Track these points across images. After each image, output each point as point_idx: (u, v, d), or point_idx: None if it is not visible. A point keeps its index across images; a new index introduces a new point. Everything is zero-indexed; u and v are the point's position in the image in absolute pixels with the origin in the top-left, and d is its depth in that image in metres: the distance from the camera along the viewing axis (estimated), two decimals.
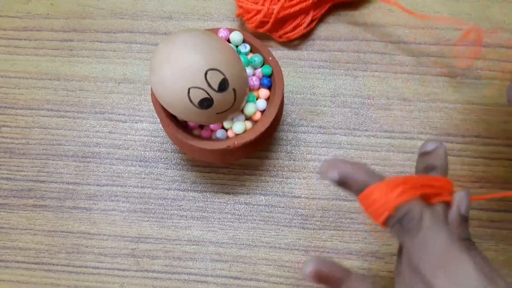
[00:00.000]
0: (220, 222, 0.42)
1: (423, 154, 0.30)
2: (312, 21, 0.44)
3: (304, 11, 0.43)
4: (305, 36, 0.45)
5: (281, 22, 0.43)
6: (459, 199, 0.28)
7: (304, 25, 0.44)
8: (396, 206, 0.25)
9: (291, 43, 0.45)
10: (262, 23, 0.43)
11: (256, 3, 0.42)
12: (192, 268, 0.41)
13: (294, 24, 0.43)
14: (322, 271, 0.27)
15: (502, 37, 0.44)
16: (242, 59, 0.35)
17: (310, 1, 0.42)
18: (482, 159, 0.42)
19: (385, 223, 0.26)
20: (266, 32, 0.43)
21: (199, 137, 0.36)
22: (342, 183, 0.26)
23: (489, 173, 0.42)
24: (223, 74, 0.31)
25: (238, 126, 0.35)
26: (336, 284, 0.28)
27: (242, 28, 0.45)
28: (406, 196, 0.25)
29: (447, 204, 0.28)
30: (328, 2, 0.44)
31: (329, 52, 0.45)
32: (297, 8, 0.42)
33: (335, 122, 0.43)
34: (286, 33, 0.44)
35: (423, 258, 0.25)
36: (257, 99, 0.36)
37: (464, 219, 0.28)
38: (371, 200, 0.26)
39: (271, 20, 0.42)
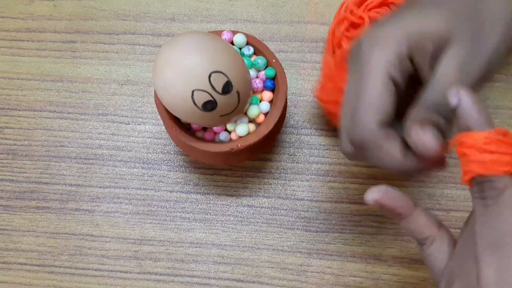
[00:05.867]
0: (223, 225, 0.42)
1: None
2: None
3: None
4: (308, 39, 0.45)
5: None
6: None
7: None
8: (490, 174, 0.23)
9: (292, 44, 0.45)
10: None
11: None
12: (194, 270, 0.41)
13: None
14: (383, 203, 0.27)
15: None
16: (245, 61, 0.35)
17: None
18: None
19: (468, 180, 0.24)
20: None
21: (202, 139, 0.36)
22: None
23: None
24: (227, 76, 0.31)
25: (241, 129, 0.35)
26: (398, 217, 0.27)
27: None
28: (504, 168, 0.23)
29: None
30: None
31: None
32: None
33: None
34: None
35: (485, 230, 0.24)
36: (260, 101, 0.36)
37: None
38: (468, 150, 0.23)
39: None
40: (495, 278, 0.23)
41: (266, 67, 0.37)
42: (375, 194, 0.27)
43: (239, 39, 0.36)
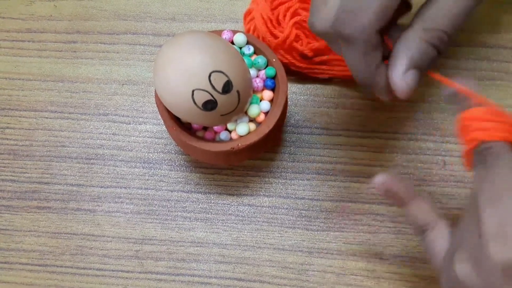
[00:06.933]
0: (224, 224, 0.42)
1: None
2: None
3: None
4: None
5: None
6: None
7: None
8: (491, 140, 0.26)
9: None
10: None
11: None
12: (196, 269, 0.41)
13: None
14: (389, 187, 0.30)
15: (505, 38, 0.44)
16: (246, 60, 0.35)
17: None
18: None
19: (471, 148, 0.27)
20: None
21: (203, 139, 0.36)
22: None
23: None
24: (227, 76, 0.31)
25: (242, 128, 0.35)
26: (400, 202, 0.30)
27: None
28: (502, 134, 0.26)
29: None
30: None
31: None
32: None
33: (339, 123, 0.43)
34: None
35: (485, 189, 0.26)
36: (260, 100, 0.36)
37: None
38: (471, 121, 0.27)
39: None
40: (496, 227, 0.24)
41: (266, 66, 0.37)
42: (382, 178, 0.30)
43: (239, 38, 0.37)
